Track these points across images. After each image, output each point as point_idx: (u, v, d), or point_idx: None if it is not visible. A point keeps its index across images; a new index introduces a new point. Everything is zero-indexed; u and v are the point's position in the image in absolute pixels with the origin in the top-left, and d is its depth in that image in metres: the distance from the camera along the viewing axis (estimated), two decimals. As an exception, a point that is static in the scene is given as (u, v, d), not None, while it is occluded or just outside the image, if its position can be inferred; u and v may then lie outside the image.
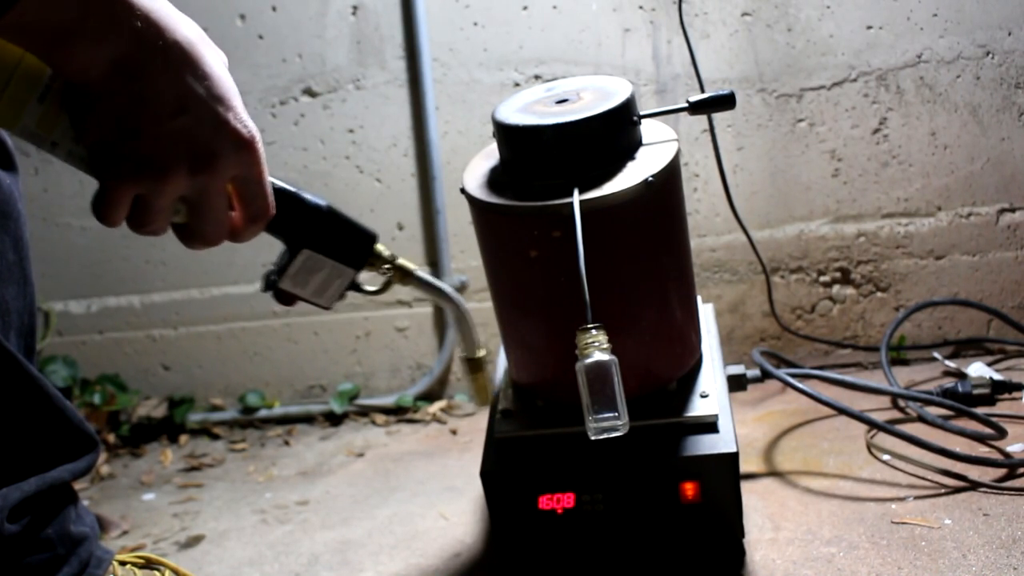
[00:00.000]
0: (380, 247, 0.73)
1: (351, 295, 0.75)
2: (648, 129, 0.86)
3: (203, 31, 0.55)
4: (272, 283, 0.70)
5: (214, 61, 0.55)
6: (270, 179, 0.63)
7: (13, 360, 0.71)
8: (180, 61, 0.52)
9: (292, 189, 0.68)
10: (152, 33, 0.51)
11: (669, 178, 0.80)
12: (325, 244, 0.69)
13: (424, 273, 0.77)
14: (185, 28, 0.53)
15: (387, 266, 0.74)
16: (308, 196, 0.69)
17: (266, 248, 1.75)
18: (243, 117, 0.56)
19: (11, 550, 0.72)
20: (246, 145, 0.57)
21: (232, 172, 0.57)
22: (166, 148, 0.53)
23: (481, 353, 0.81)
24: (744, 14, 1.46)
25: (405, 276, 0.75)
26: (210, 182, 0.56)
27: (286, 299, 0.71)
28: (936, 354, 1.42)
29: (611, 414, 0.71)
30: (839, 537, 0.89)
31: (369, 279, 0.76)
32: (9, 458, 0.72)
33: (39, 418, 0.75)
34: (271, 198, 0.62)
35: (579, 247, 0.74)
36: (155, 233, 0.57)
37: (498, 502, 0.87)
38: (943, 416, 1.12)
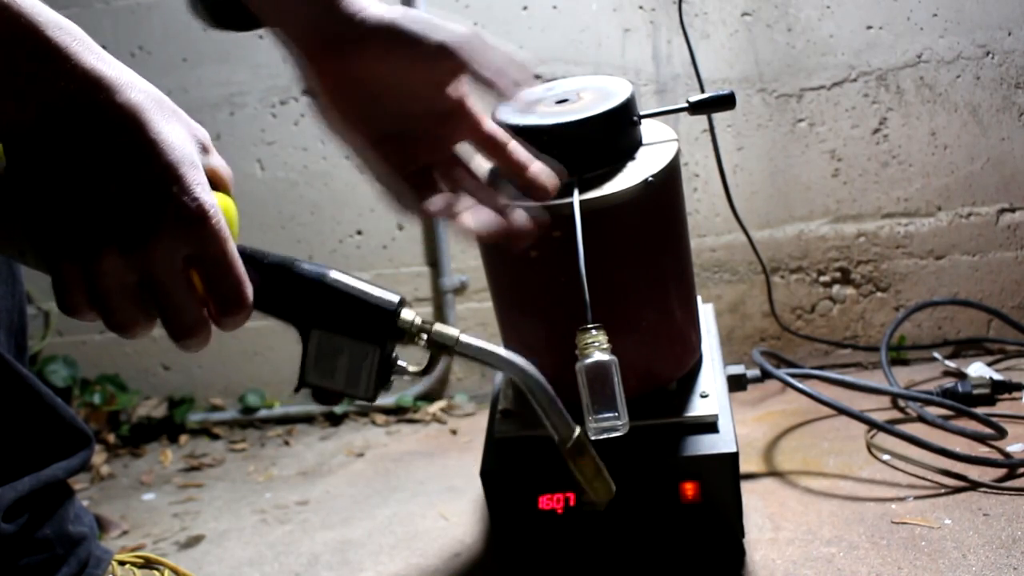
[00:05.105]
0: (407, 315, 0.59)
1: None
2: (648, 129, 0.86)
3: (164, 96, 0.50)
4: (301, 382, 0.60)
5: (167, 128, 0.49)
6: (258, 251, 0.56)
7: (1, 359, 0.71)
8: (119, 125, 0.47)
9: (282, 260, 0.59)
10: (91, 91, 0.46)
11: (669, 178, 0.80)
12: (333, 319, 0.59)
13: (475, 338, 0.60)
14: (134, 92, 0.48)
15: (423, 336, 0.60)
16: (305, 266, 0.59)
17: (268, 248, 1.75)
18: (192, 189, 0.49)
19: (8, 550, 0.72)
20: (194, 220, 0.49)
21: (180, 252, 0.49)
22: (94, 222, 0.47)
23: (577, 432, 0.60)
24: (744, 14, 1.46)
25: (443, 348, 0.60)
26: (151, 263, 0.49)
27: (323, 396, 0.61)
28: (936, 354, 1.42)
29: (611, 414, 0.71)
30: (839, 537, 0.89)
31: (412, 357, 0.63)
32: (1, 458, 0.72)
33: (30, 416, 0.74)
34: (241, 279, 0.52)
35: (579, 247, 0.74)
36: (129, 330, 0.50)
37: (498, 502, 0.87)
38: (943, 416, 1.12)
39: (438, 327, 0.60)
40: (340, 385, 0.60)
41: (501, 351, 0.61)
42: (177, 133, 0.50)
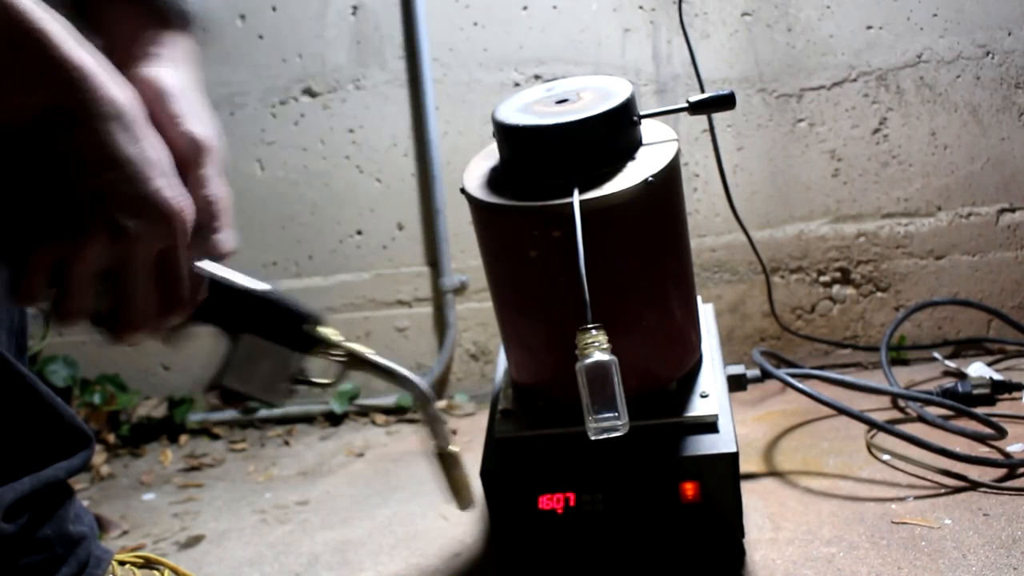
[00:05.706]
0: (328, 330, 0.67)
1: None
2: (648, 129, 0.86)
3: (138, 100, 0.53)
4: (215, 382, 0.65)
5: (148, 128, 0.52)
6: (205, 265, 0.60)
7: (2, 358, 0.71)
8: (112, 119, 0.50)
9: (223, 275, 0.63)
10: (86, 87, 0.49)
11: (669, 178, 0.80)
12: (265, 327, 0.64)
13: (381, 358, 0.69)
14: (122, 89, 0.51)
15: (337, 352, 0.67)
16: (242, 281, 0.64)
17: (268, 248, 1.74)
18: (174, 188, 0.53)
19: (8, 550, 0.72)
20: (173, 217, 0.53)
21: (157, 244, 0.53)
22: (88, 207, 0.50)
23: (455, 448, 0.71)
24: (744, 14, 1.46)
25: (360, 362, 0.67)
26: (133, 251, 0.52)
27: (232, 399, 0.65)
28: (936, 354, 1.42)
29: (611, 414, 0.71)
30: (839, 537, 0.89)
31: (322, 370, 0.70)
32: (2, 458, 0.72)
33: (30, 416, 0.74)
34: (186, 282, 0.56)
35: (579, 247, 0.74)
36: (77, 316, 0.53)
37: (498, 502, 0.87)
38: (943, 416, 1.12)
39: (354, 344, 0.67)
40: (254, 390, 0.65)
41: (406, 372, 0.69)
42: (153, 131, 0.53)
